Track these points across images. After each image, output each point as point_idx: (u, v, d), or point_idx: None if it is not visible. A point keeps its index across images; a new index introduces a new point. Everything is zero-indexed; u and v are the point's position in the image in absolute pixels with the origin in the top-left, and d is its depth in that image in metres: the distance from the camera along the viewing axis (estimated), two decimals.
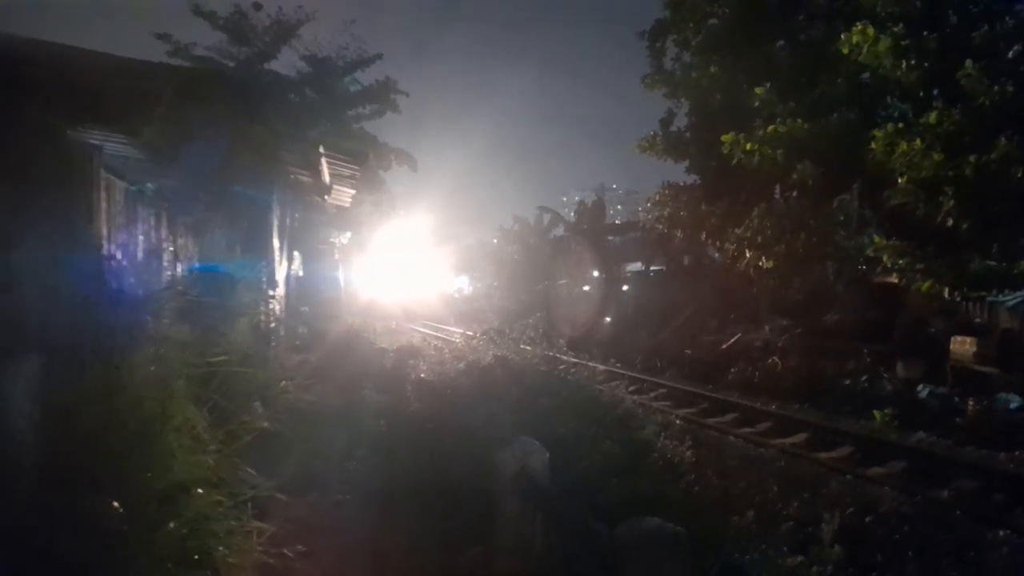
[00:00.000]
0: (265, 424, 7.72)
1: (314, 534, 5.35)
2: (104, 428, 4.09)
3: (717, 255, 20.81)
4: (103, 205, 4.94)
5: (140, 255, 5.53)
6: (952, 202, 12.10)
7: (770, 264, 16.78)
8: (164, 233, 6.83)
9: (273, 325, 10.49)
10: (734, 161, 16.27)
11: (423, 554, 5.20)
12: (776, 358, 15.58)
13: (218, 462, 4.91)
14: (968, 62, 11.42)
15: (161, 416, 4.41)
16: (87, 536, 3.79)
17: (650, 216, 22.57)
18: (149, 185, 6.95)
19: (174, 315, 6.48)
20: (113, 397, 4.26)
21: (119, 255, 5.12)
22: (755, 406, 12.05)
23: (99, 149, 4.89)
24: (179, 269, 7.31)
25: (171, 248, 7.16)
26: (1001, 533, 6.22)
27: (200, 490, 4.40)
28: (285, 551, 4.79)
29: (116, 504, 3.78)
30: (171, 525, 4.02)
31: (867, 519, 6.55)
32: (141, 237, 5.91)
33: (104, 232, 4.89)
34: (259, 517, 5.09)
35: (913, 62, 12.50)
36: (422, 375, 8.44)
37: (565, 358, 13.63)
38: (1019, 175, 11.07)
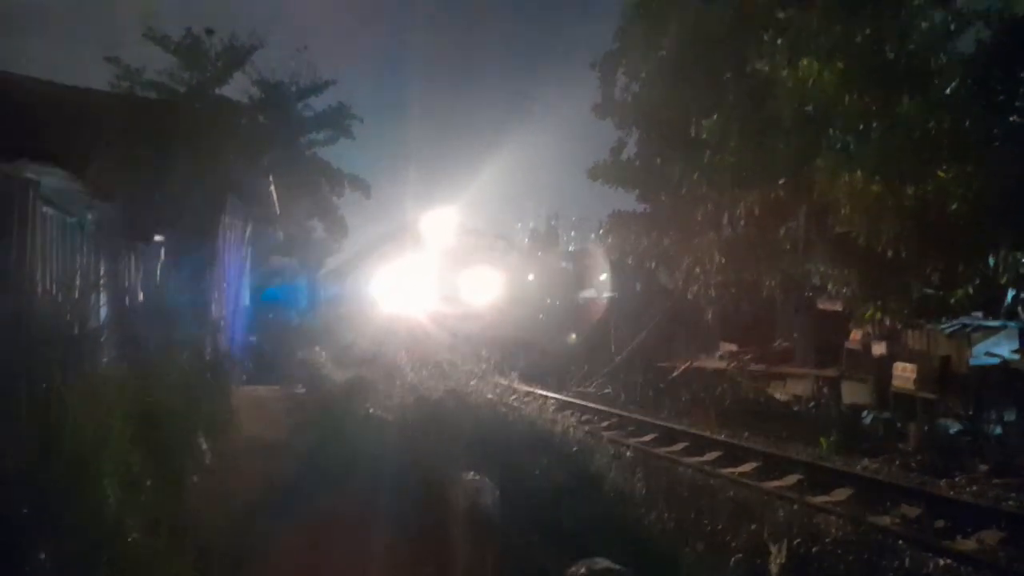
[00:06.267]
0: (207, 461, 7.55)
1: (261, 574, 5.20)
2: (36, 473, 3.93)
3: (666, 281, 21.07)
4: (39, 239, 4.78)
5: (78, 289, 5.36)
6: (893, 231, 12.46)
7: (715, 293, 17.09)
8: (105, 266, 6.65)
9: (219, 358, 10.27)
10: (683, 191, 16.57)
11: None
12: (726, 385, 15.77)
13: (156, 503, 4.76)
14: (906, 98, 11.84)
15: (96, 458, 4.26)
16: None
17: (601, 244, 22.77)
18: (89, 216, 6.77)
19: (114, 350, 6.31)
20: (46, 440, 4.11)
21: (55, 291, 4.96)
22: (705, 434, 12.15)
23: (36, 184, 4.74)
24: (120, 303, 7.11)
25: (112, 281, 6.96)
26: (942, 562, 6.35)
27: (136, 535, 4.25)
28: None
29: (45, 555, 3.62)
30: (105, 572, 3.86)
31: (814, 549, 6.62)
32: (79, 271, 5.74)
33: (39, 268, 4.73)
34: (201, 558, 4.94)
35: (856, 95, 12.91)
36: (370, 409, 8.32)
37: (518, 388, 13.59)
38: (954, 206, 11.47)
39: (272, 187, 12.57)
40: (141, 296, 7.50)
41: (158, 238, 8.95)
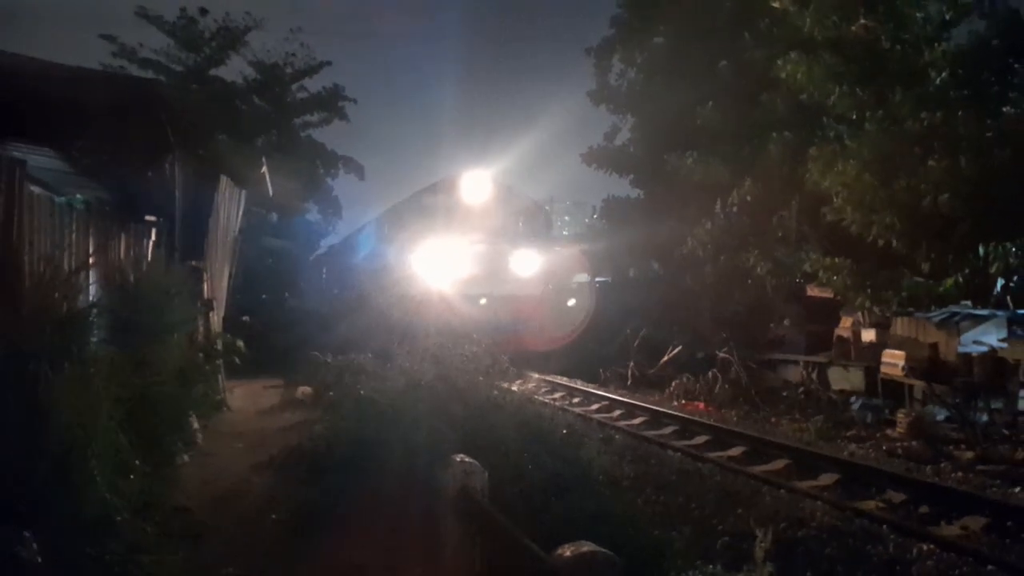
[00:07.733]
0: (199, 441, 7.57)
1: (249, 557, 5.23)
2: (23, 457, 3.93)
3: (659, 268, 21.11)
4: (26, 219, 4.76)
5: (66, 270, 5.35)
6: (885, 221, 12.51)
7: (710, 279, 17.15)
8: (95, 246, 6.63)
9: (211, 338, 10.26)
10: (678, 178, 16.59)
11: None
12: (716, 371, 15.86)
13: (146, 487, 4.77)
14: (898, 89, 11.86)
15: (84, 442, 4.26)
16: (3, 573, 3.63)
17: (595, 229, 22.80)
18: (79, 196, 6.75)
19: (104, 332, 6.29)
20: (33, 424, 4.11)
21: (43, 271, 4.94)
22: (694, 419, 12.22)
23: (23, 163, 4.71)
24: (110, 283, 7.09)
25: (102, 262, 6.94)
26: (925, 547, 6.42)
27: (125, 516, 4.27)
28: None
29: (31, 537, 3.63)
30: (93, 557, 3.88)
31: (799, 533, 6.69)
32: (68, 251, 5.72)
33: (27, 248, 4.71)
34: (190, 540, 4.97)
35: (846, 88, 12.93)
36: (362, 391, 8.34)
37: (511, 370, 13.59)
38: (945, 197, 11.52)
39: (265, 168, 12.51)
40: (132, 277, 7.48)
41: (149, 218, 8.92)
